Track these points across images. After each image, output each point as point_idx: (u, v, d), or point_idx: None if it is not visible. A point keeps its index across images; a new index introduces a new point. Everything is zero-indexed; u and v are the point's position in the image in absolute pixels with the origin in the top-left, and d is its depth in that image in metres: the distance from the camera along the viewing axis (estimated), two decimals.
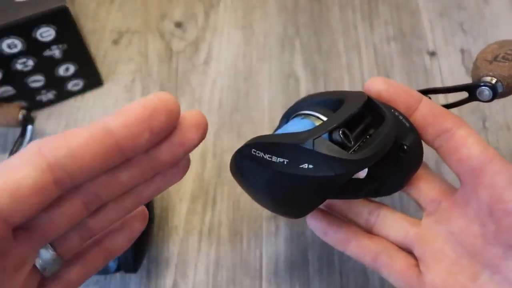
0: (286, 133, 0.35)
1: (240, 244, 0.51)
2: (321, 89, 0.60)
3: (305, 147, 0.33)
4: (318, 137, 0.33)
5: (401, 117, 0.37)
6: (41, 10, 0.50)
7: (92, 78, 0.60)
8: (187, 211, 0.53)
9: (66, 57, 0.56)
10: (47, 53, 0.54)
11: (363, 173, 0.36)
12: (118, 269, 0.47)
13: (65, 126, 0.58)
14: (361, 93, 0.36)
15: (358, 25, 0.65)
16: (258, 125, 0.58)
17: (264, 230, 0.52)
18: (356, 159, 0.33)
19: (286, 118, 0.41)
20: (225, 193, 0.54)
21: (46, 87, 0.57)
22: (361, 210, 0.41)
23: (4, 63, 0.53)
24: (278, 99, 0.60)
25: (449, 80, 0.60)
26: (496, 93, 0.37)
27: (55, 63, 0.56)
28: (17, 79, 0.55)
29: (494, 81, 0.37)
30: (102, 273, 0.48)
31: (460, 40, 0.63)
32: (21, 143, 0.52)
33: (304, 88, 0.60)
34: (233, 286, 0.49)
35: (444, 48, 0.63)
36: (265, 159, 0.35)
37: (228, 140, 0.57)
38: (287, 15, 0.66)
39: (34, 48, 0.53)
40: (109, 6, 0.67)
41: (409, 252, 0.40)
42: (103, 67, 0.62)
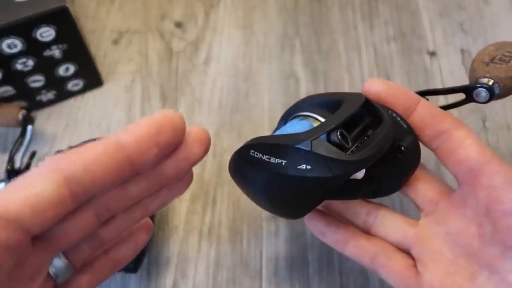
0: (285, 134, 0.35)
1: (240, 244, 0.51)
2: (321, 89, 0.60)
3: (303, 148, 0.33)
4: (316, 138, 0.33)
5: (398, 119, 0.37)
6: (41, 10, 0.50)
7: (92, 78, 0.60)
8: (187, 211, 0.53)
9: (66, 57, 0.56)
10: (47, 53, 0.54)
11: (360, 174, 0.36)
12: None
13: (65, 126, 0.58)
14: (359, 95, 0.37)
15: (358, 25, 0.65)
16: (258, 125, 0.58)
17: (264, 230, 0.52)
18: (354, 160, 0.33)
19: (284, 119, 0.41)
20: (225, 193, 0.54)
21: (46, 87, 0.58)
22: (359, 211, 0.41)
23: (4, 63, 0.53)
24: (278, 99, 0.60)
25: (449, 80, 0.60)
26: (493, 95, 0.37)
27: (55, 63, 0.56)
28: (17, 79, 0.55)
29: (491, 82, 0.37)
30: None
31: (460, 40, 0.63)
32: (21, 143, 0.51)
33: (304, 88, 0.60)
34: (233, 286, 0.49)
35: (444, 48, 0.63)
36: (264, 160, 0.35)
37: (228, 140, 0.57)
38: (287, 15, 0.66)
39: (34, 48, 0.53)
40: (109, 6, 0.67)
41: (407, 252, 0.40)
42: (103, 67, 0.62)
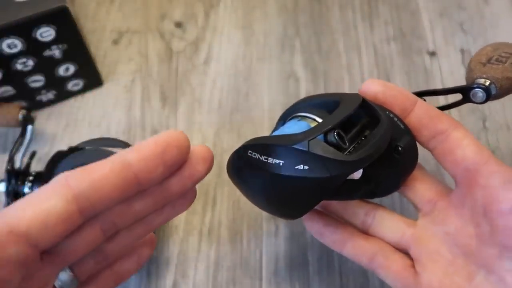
0: (282, 135, 0.35)
1: (240, 244, 0.51)
2: (321, 89, 0.60)
3: (300, 148, 0.33)
4: (313, 139, 0.33)
5: (396, 119, 0.37)
6: (41, 10, 0.50)
7: (92, 78, 0.60)
8: (187, 211, 0.53)
9: (66, 57, 0.56)
10: (47, 53, 0.54)
11: (358, 174, 0.36)
12: None
13: (65, 126, 0.58)
14: (357, 95, 0.37)
15: (358, 25, 0.65)
16: (258, 125, 0.58)
17: (264, 230, 0.52)
18: (351, 160, 0.33)
19: (283, 120, 0.41)
20: (225, 193, 0.54)
21: (46, 87, 0.58)
22: (357, 211, 0.41)
23: (4, 63, 0.53)
24: (278, 99, 0.60)
25: (449, 80, 0.60)
26: (489, 95, 0.37)
27: (55, 63, 0.56)
28: (17, 79, 0.55)
29: (487, 83, 0.37)
30: None
31: (460, 40, 0.63)
32: (21, 143, 0.51)
33: (304, 88, 0.60)
34: (233, 286, 0.49)
35: (444, 48, 0.63)
36: (261, 160, 0.35)
37: (228, 140, 0.57)
38: (287, 15, 0.66)
39: (34, 48, 0.53)
40: (109, 6, 0.67)
41: (405, 252, 0.40)
42: (103, 67, 0.62)
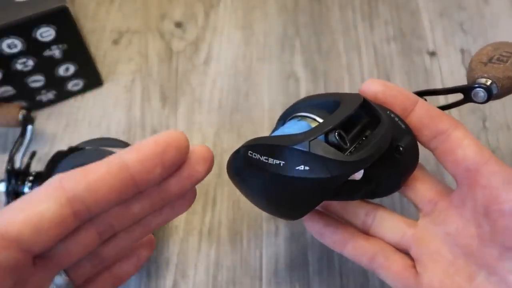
0: (283, 135, 0.35)
1: (240, 244, 0.51)
2: (321, 89, 0.60)
3: (301, 149, 0.33)
4: (314, 139, 0.33)
5: (396, 119, 0.37)
6: (41, 10, 0.50)
7: (92, 78, 0.60)
8: (187, 211, 0.52)
9: (66, 57, 0.56)
10: (47, 53, 0.54)
11: (359, 175, 0.36)
12: None
13: (65, 126, 0.58)
14: (357, 95, 0.37)
15: (358, 25, 0.65)
16: (258, 125, 0.58)
17: (264, 230, 0.52)
18: (352, 160, 0.33)
19: (283, 119, 0.41)
20: (225, 193, 0.54)
21: (46, 87, 0.58)
22: (357, 211, 0.41)
23: (4, 63, 0.53)
24: (278, 99, 0.60)
25: (449, 80, 0.60)
26: (490, 95, 0.37)
27: (55, 63, 0.56)
28: (17, 79, 0.55)
29: (488, 82, 0.37)
30: None
31: (460, 40, 0.63)
32: (21, 143, 0.51)
33: (304, 88, 0.60)
34: (233, 286, 0.49)
35: (444, 48, 0.63)
36: (262, 161, 0.35)
37: (228, 140, 0.57)
38: (287, 15, 0.66)
39: (34, 48, 0.53)
40: (109, 6, 0.67)
41: (406, 253, 0.40)
42: (103, 67, 0.62)
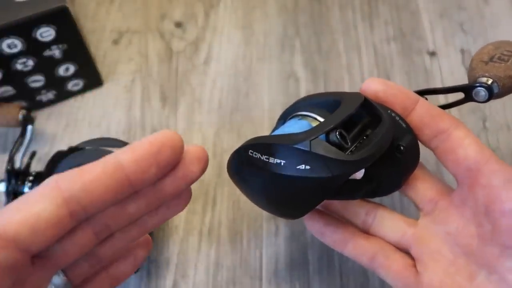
0: (283, 134, 0.35)
1: (240, 244, 0.51)
2: (321, 89, 0.60)
3: (302, 148, 0.33)
4: (315, 138, 0.33)
5: (397, 118, 0.37)
6: (41, 10, 0.50)
7: (92, 78, 0.60)
8: (187, 211, 0.53)
9: (66, 57, 0.56)
10: (47, 53, 0.54)
11: (360, 174, 0.36)
12: None
13: (65, 126, 0.58)
14: (358, 94, 0.37)
15: (358, 25, 0.65)
16: (258, 125, 0.58)
17: (264, 230, 0.52)
18: (353, 160, 0.33)
19: (283, 119, 0.41)
20: (225, 193, 0.54)
21: (46, 87, 0.57)
22: (358, 210, 0.41)
23: (4, 63, 0.53)
24: (278, 99, 0.60)
25: (449, 80, 0.60)
26: (492, 94, 0.37)
27: (55, 63, 0.56)
28: (17, 79, 0.55)
29: (490, 81, 0.37)
30: None
31: (460, 40, 0.63)
32: (21, 143, 0.51)
33: (304, 88, 0.60)
34: (233, 286, 0.49)
35: (444, 48, 0.63)
36: (262, 160, 0.35)
37: (228, 140, 0.57)
38: (287, 15, 0.66)
39: (34, 48, 0.53)
40: (109, 6, 0.67)
41: (406, 252, 0.40)
42: (103, 67, 0.62)
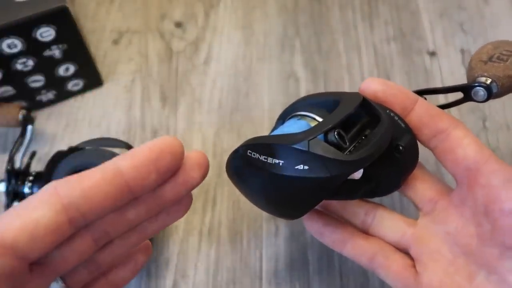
0: (282, 134, 0.35)
1: (240, 244, 0.51)
2: (321, 89, 0.60)
3: (300, 148, 0.33)
4: (313, 138, 0.33)
5: (396, 118, 0.37)
6: (41, 10, 0.50)
7: (92, 78, 0.60)
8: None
9: (66, 57, 0.56)
10: (47, 53, 0.54)
11: (358, 174, 0.36)
12: None
13: (65, 126, 0.58)
14: (357, 94, 0.36)
15: (358, 25, 0.65)
16: (258, 125, 0.58)
17: (264, 230, 0.52)
18: (351, 160, 0.33)
19: (282, 119, 0.41)
20: (225, 193, 0.54)
21: (46, 87, 0.58)
22: (357, 210, 0.41)
23: (4, 63, 0.53)
24: (278, 99, 0.60)
25: (449, 80, 0.60)
26: (491, 94, 0.37)
27: (55, 63, 0.56)
28: (17, 79, 0.55)
29: (489, 81, 0.37)
30: None
31: (460, 40, 0.63)
32: (21, 143, 0.51)
33: (304, 88, 0.60)
34: (233, 286, 0.49)
35: (444, 48, 0.63)
36: (261, 160, 0.35)
37: (228, 140, 0.57)
38: (287, 15, 0.66)
39: (34, 48, 0.53)
40: (109, 6, 0.67)
41: (405, 252, 0.40)
42: (103, 67, 0.62)
